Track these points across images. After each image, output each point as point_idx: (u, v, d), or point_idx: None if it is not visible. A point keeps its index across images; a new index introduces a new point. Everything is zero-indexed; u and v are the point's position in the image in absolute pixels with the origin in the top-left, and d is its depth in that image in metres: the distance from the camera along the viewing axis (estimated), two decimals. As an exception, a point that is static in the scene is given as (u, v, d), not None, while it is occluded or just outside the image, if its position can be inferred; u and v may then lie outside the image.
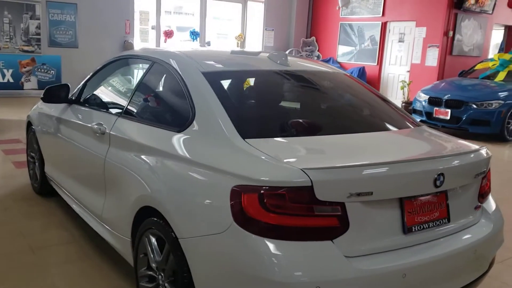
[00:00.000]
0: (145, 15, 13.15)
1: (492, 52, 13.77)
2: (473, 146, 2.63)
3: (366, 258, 2.07)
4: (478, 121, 9.01)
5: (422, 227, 2.26)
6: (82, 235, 3.83)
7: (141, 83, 3.20)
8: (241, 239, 2.02)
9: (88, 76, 3.89)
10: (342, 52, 14.44)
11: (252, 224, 2.00)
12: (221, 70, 2.93)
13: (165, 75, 3.08)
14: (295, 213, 2.00)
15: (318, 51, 15.12)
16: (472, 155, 2.49)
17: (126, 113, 3.14)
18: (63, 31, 11.63)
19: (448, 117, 9.26)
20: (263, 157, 2.14)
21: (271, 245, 1.98)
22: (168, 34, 13.46)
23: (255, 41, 14.91)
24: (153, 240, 2.56)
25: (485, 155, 2.57)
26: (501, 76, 10.06)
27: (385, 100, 3.21)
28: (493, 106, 8.94)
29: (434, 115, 9.54)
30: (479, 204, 2.60)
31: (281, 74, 3.12)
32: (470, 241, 2.40)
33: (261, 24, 14.80)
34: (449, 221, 2.38)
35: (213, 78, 2.70)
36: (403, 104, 11.70)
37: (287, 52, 14.54)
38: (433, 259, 2.21)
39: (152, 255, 2.58)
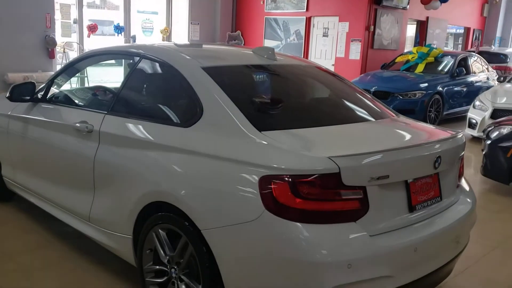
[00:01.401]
0: (66, 8, 12.53)
1: (408, 45, 14.77)
2: (453, 131, 2.92)
3: (384, 236, 2.26)
4: (404, 110, 9.51)
5: (422, 205, 2.50)
6: (56, 238, 3.71)
7: (128, 79, 3.14)
8: (275, 225, 2.12)
9: (56, 73, 3.73)
10: (269, 46, 14.71)
11: (284, 210, 2.12)
12: (220, 65, 2.97)
13: (158, 71, 3.06)
14: (324, 198, 2.15)
15: (244, 45, 15.31)
16: (457, 139, 2.77)
17: (114, 110, 3.06)
18: (-28, 25, 10.78)
19: (376, 107, 9.83)
20: (285, 148, 2.26)
21: (303, 229, 2.11)
22: (92, 28, 12.95)
23: (181, 35, 14.79)
24: (163, 234, 2.59)
25: (464, 139, 2.87)
26: (420, 68, 10.85)
27: (363, 93, 3.42)
28: (417, 96, 9.64)
29: (363, 106, 10.08)
30: (459, 183, 2.91)
31: (274, 67, 3.22)
32: (458, 216, 2.68)
33: (186, 17, 14.70)
34: (441, 199, 2.64)
35: (214, 73, 2.74)
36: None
37: (214, 46, 14.68)
38: (435, 234, 2.46)
39: (162, 250, 2.61)
